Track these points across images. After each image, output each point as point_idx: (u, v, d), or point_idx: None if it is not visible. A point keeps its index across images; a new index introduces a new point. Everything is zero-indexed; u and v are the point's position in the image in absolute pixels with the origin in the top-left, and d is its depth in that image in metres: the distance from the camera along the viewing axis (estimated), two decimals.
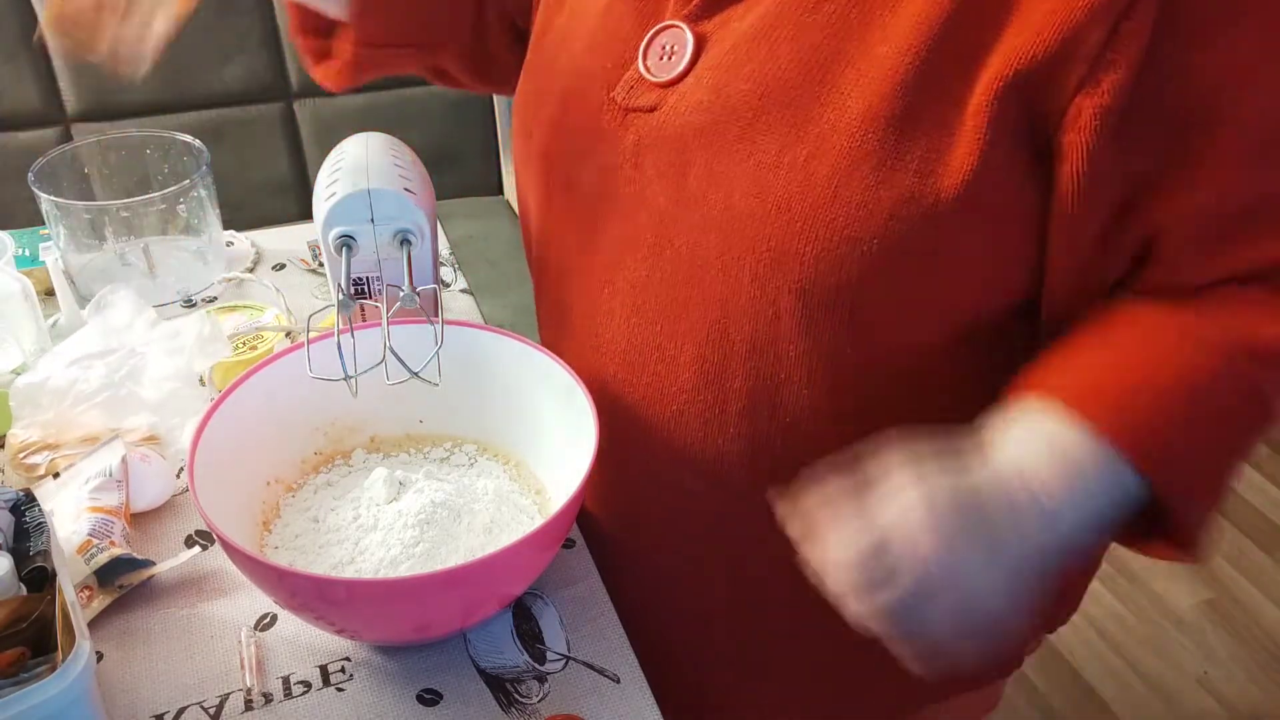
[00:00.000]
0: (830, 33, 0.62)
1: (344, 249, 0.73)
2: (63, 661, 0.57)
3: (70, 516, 0.76)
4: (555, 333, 0.84)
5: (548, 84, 0.77)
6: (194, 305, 1.09)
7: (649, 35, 0.70)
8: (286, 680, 0.71)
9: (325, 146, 1.23)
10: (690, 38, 0.68)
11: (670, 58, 0.69)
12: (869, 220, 0.60)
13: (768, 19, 0.64)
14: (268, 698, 0.69)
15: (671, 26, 0.69)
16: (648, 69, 0.70)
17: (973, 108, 0.58)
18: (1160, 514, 0.60)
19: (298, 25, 0.84)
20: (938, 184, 0.59)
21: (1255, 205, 0.59)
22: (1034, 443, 0.59)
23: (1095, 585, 1.87)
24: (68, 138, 1.66)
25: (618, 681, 0.71)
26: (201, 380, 0.90)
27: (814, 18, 0.63)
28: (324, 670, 0.71)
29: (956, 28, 0.58)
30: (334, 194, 0.72)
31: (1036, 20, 0.56)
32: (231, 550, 0.64)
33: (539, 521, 0.75)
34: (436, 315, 0.76)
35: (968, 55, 0.59)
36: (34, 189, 1.03)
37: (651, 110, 0.69)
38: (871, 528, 0.55)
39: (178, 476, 0.85)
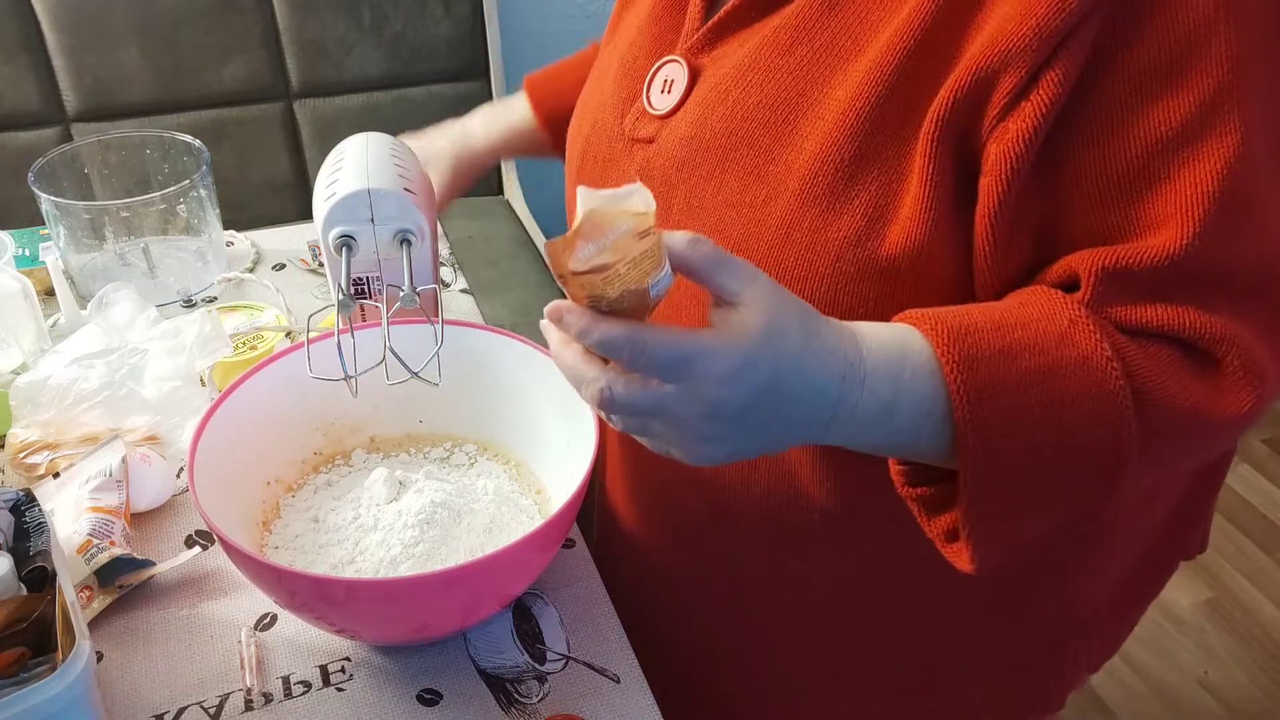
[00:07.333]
0: (798, 75, 0.63)
1: (344, 249, 0.73)
2: (63, 661, 0.57)
3: (70, 516, 0.76)
4: None
5: (584, 112, 0.79)
6: (194, 305, 1.09)
7: (654, 67, 0.71)
8: (286, 680, 0.71)
9: (325, 146, 1.23)
10: (686, 71, 0.68)
11: (670, 91, 0.70)
12: (816, 261, 0.61)
13: (748, 58, 0.65)
14: (268, 698, 0.69)
15: (672, 61, 0.70)
16: (649, 101, 0.71)
17: (918, 150, 0.58)
18: (953, 493, 0.57)
19: None
20: (885, 228, 0.59)
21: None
22: (883, 329, 0.57)
23: None
24: (68, 138, 1.65)
25: (618, 681, 0.71)
26: (201, 380, 0.90)
27: (786, 60, 0.63)
28: (324, 670, 0.71)
29: (906, 75, 0.58)
30: (334, 194, 0.72)
31: (965, 62, 0.56)
32: (231, 550, 0.64)
33: (539, 521, 0.75)
34: (436, 315, 0.76)
35: (916, 100, 0.58)
36: (34, 189, 1.03)
37: (650, 141, 0.70)
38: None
39: (178, 476, 0.85)
